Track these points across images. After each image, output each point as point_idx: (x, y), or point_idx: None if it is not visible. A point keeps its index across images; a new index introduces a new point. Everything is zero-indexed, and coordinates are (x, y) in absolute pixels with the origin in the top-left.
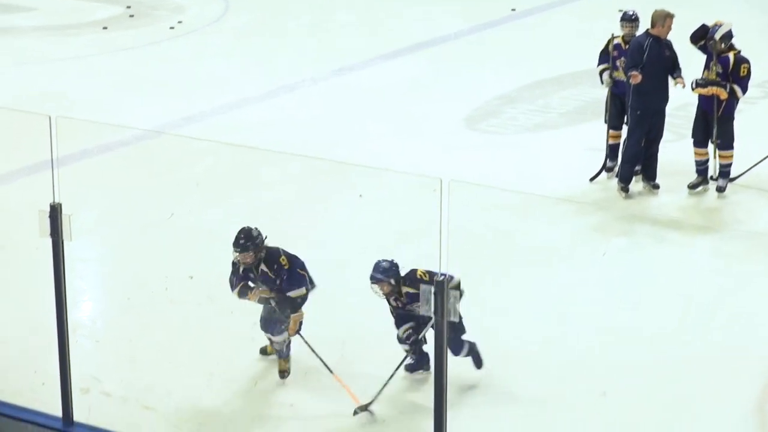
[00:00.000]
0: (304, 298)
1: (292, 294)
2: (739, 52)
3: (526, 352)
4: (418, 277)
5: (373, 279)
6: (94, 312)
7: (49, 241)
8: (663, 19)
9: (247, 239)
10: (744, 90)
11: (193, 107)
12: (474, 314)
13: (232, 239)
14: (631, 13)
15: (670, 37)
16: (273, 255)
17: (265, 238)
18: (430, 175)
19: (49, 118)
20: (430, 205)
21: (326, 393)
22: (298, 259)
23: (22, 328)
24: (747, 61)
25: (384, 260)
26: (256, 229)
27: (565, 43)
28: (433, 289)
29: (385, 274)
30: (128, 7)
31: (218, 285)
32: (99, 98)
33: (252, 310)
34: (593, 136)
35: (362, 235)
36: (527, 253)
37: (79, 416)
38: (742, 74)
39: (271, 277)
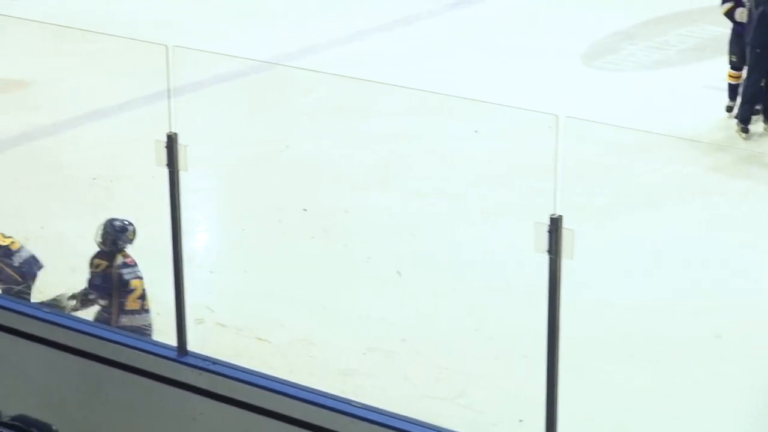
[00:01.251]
0: None
1: None
2: None
3: (634, 293)
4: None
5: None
6: (208, 243)
7: (165, 171)
8: None
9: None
10: None
11: (310, 39)
12: (582, 254)
13: (345, 172)
14: None
15: None
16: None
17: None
18: (546, 111)
19: (166, 47)
20: (544, 142)
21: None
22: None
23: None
24: None
25: (120, 220)
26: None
27: None
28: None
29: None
30: None
31: (331, 217)
32: (216, 28)
33: (366, 242)
34: (712, 75)
35: (476, 169)
36: (642, 193)
37: (193, 346)
38: None
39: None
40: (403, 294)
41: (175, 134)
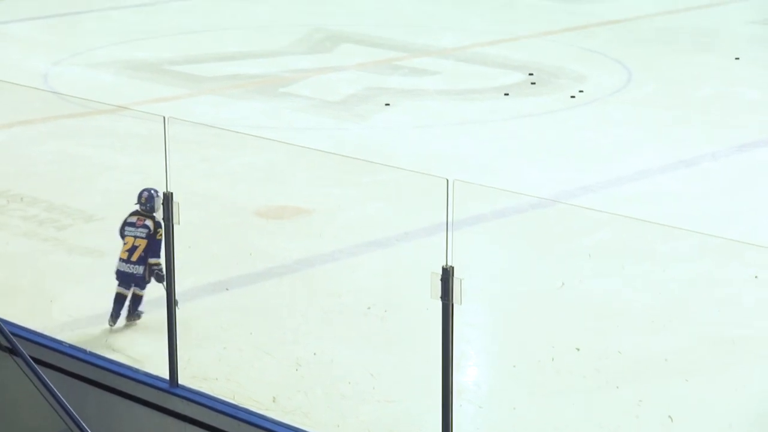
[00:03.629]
0: None
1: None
2: None
3: None
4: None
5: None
6: (478, 377)
7: (438, 303)
8: None
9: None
10: None
11: (590, 177)
12: None
13: (620, 313)
14: None
15: None
16: None
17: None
18: None
19: (447, 180)
20: None
21: None
22: None
23: (407, 388)
24: None
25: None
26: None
27: None
28: None
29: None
30: (530, 74)
31: (604, 358)
32: (496, 163)
33: (638, 385)
34: None
35: (753, 315)
36: None
37: None
38: None
39: None
40: None
41: (452, 267)
